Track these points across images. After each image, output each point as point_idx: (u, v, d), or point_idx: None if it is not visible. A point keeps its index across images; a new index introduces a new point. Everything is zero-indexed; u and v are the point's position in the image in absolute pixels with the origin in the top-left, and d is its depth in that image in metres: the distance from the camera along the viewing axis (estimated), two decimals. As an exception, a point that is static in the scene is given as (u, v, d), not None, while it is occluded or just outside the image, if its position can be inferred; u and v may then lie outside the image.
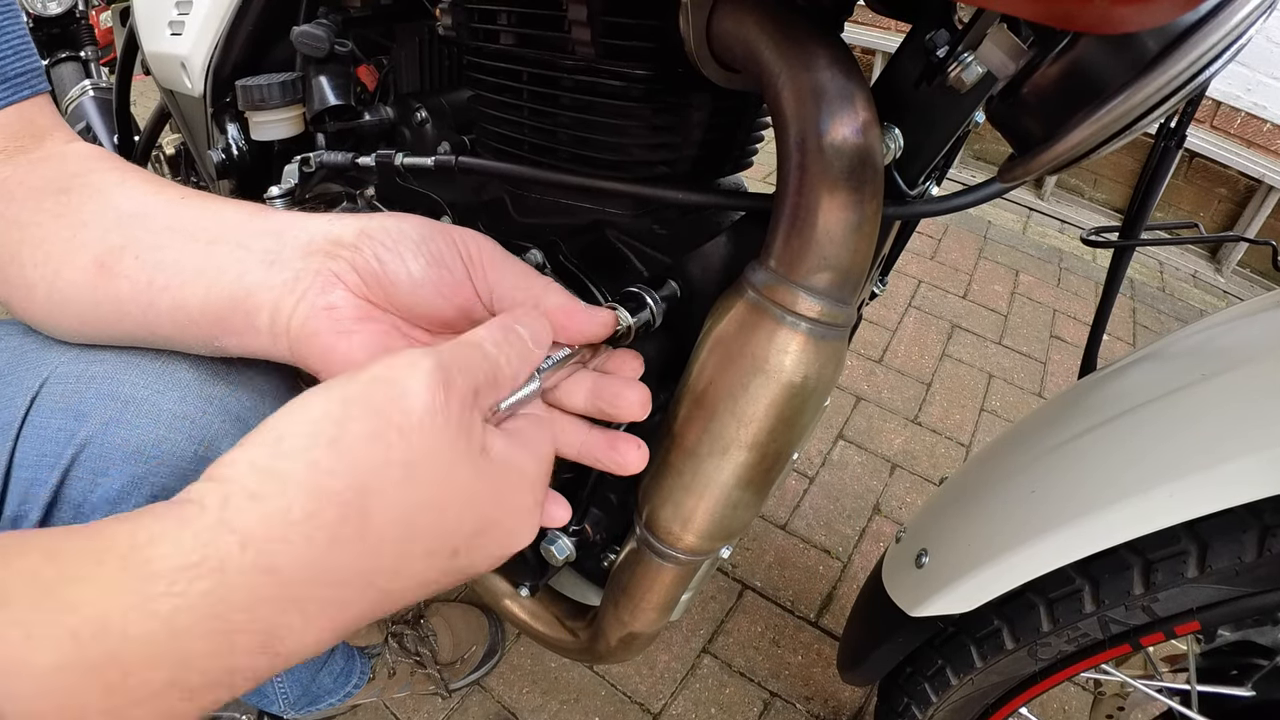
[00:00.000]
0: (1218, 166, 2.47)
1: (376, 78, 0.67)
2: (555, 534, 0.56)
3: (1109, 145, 0.30)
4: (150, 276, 0.36)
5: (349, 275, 0.35)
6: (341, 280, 0.35)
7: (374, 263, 0.35)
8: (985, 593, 0.59)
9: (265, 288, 0.35)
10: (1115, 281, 0.64)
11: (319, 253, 0.36)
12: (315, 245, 0.36)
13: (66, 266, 0.37)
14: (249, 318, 0.35)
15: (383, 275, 0.36)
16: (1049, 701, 1.09)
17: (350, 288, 0.35)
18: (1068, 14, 0.24)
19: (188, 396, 0.40)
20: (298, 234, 0.36)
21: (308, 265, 0.35)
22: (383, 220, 0.37)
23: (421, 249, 0.36)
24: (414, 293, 0.36)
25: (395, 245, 0.36)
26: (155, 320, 0.37)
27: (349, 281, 0.35)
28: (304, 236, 0.36)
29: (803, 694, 1.08)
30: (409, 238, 0.36)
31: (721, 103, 0.50)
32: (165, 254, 0.36)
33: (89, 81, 1.44)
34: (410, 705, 1.01)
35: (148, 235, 0.37)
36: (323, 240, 0.36)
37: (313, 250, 0.36)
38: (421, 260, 0.36)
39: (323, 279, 0.35)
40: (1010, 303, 2.13)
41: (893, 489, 1.45)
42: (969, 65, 0.35)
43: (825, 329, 0.40)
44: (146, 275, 0.36)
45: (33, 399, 0.39)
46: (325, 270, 0.35)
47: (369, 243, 0.36)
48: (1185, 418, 0.51)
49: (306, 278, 0.35)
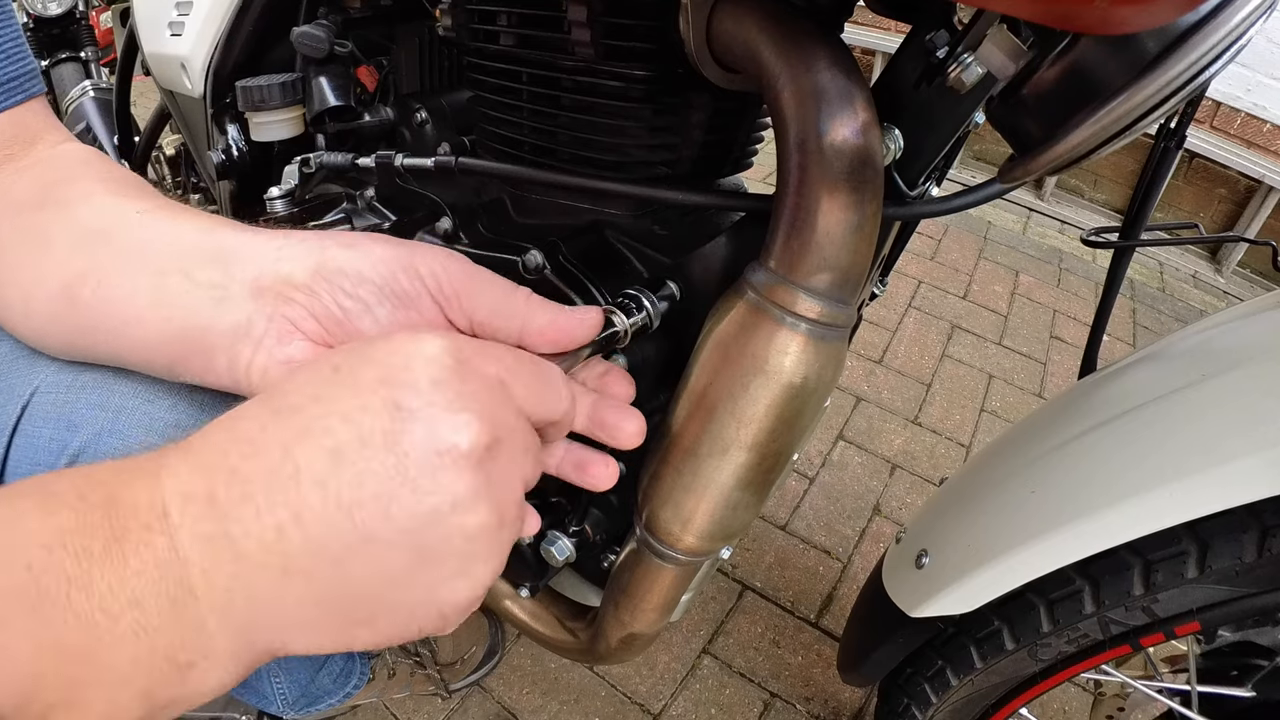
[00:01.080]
0: (1218, 167, 2.47)
1: (376, 78, 0.67)
2: (555, 535, 0.56)
3: (1109, 146, 0.30)
4: (109, 309, 0.35)
5: (306, 323, 0.33)
6: (299, 329, 0.33)
7: (335, 309, 0.33)
8: (985, 593, 0.59)
9: (216, 332, 0.33)
10: (1115, 282, 0.64)
11: (269, 293, 0.33)
12: (264, 283, 0.33)
13: (37, 289, 0.36)
14: (206, 359, 0.34)
15: (346, 323, 0.34)
16: (1049, 702, 1.09)
17: (309, 335, 0.34)
18: (1067, 14, 0.24)
19: (179, 404, 0.39)
20: (245, 267, 0.34)
21: (259, 309, 0.33)
22: (339, 257, 0.34)
23: (385, 293, 0.34)
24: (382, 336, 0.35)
25: (355, 290, 0.33)
26: (122, 350, 0.36)
27: (307, 329, 0.34)
28: (252, 271, 0.34)
29: (803, 695, 1.08)
30: (370, 282, 0.34)
31: (721, 104, 0.50)
32: (122, 285, 0.35)
33: (89, 82, 1.45)
34: (410, 706, 1.01)
35: (107, 259, 0.35)
36: (272, 279, 0.33)
37: (262, 289, 0.33)
38: (387, 305, 0.34)
39: (277, 328, 0.33)
40: (1010, 303, 2.13)
41: (893, 489, 1.44)
42: (969, 66, 0.35)
43: (825, 330, 0.40)
44: (105, 308, 0.35)
45: (23, 408, 0.39)
46: (279, 317, 0.33)
47: (327, 287, 0.33)
48: (1185, 418, 0.51)
49: (260, 323, 0.33)
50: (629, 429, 0.37)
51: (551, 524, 0.58)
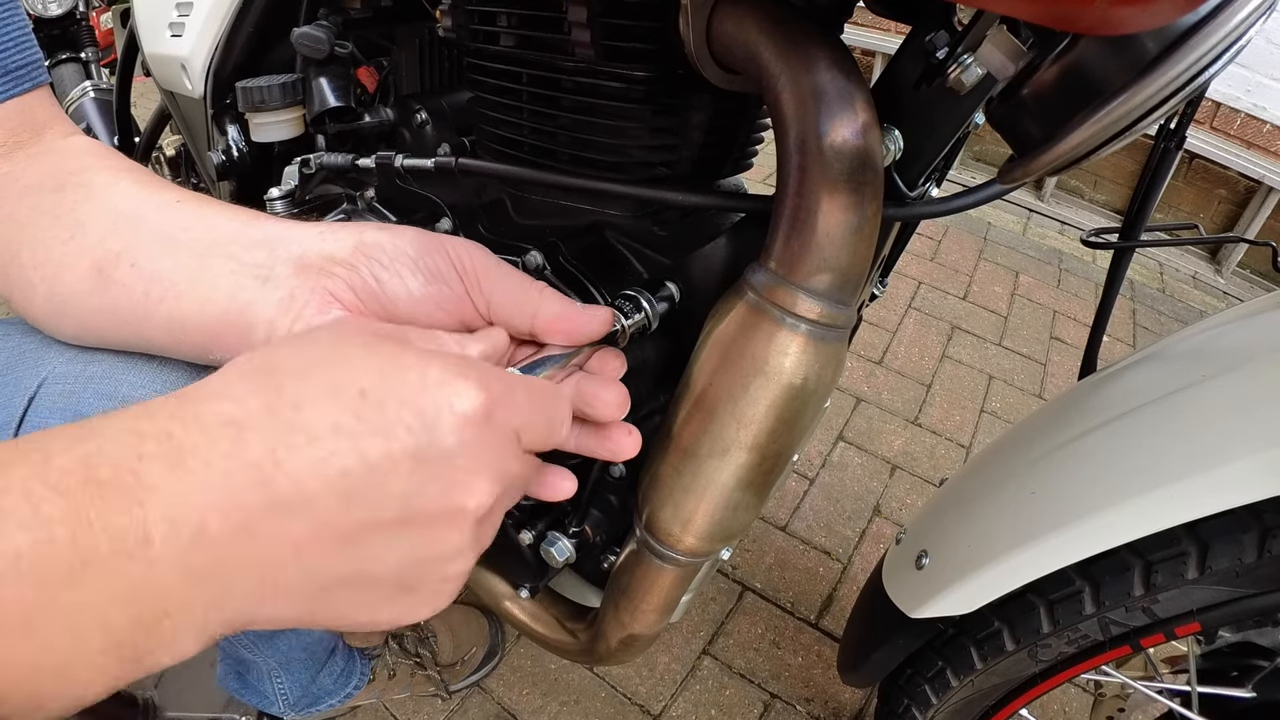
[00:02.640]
0: (1217, 168, 2.47)
1: (376, 79, 0.67)
2: (555, 535, 0.56)
3: (1109, 147, 0.30)
4: (146, 287, 0.36)
5: (345, 294, 0.35)
6: (338, 300, 0.35)
7: (372, 281, 0.35)
8: (985, 594, 0.59)
9: (260, 304, 0.34)
10: (1115, 283, 0.64)
11: (313, 269, 0.35)
12: (309, 261, 0.35)
13: (65, 270, 0.37)
14: (244, 334, 0.35)
15: (381, 294, 0.35)
16: (1049, 703, 1.09)
17: (347, 306, 0.35)
18: (1067, 15, 0.24)
19: None
20: (290, 247, 0.36)
21: (303, 283, 0.35)
22: (377, 235, 0.36)
23: (419, 266, 0.36)
24: (412, 310, 0.36)
25: (392, 263, 0.35)
26: (151, 331, 0.37)
27: (345, 300, 0.35)
28: (296, 250, 0.36)
29: (803, 695, 1.08)
30: (405, 255, 0.36)
31: (721, 104, 0.50)
32: (161, 264, 0.36)
33: (89, 83, 1.45)
34: (410, 707, 1.01)
35: (143, 241, 0.36)
36: (316, 256, 0.35)
37: (306, 266, 0.35)
38: (420, 277, 0.36)
39: (319, 298, 0.34)
40: (1010, 304, 2.13)
41: (893, 490, 1.44)
42: (969, 67, 0.35)
43: (825, 330, 0.40)
44: (143, 285, 0.36)
45: (30, 399, 0.39)
46: (320, 289, 0.35)
47: (366, 261, 0.35)
48: (1185, 419, 0.51)
49: (302, 296, 0.34)
50: (606, 397, 0.37)
51: (551, 525, 0.58)
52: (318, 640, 0.83)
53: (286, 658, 0.80)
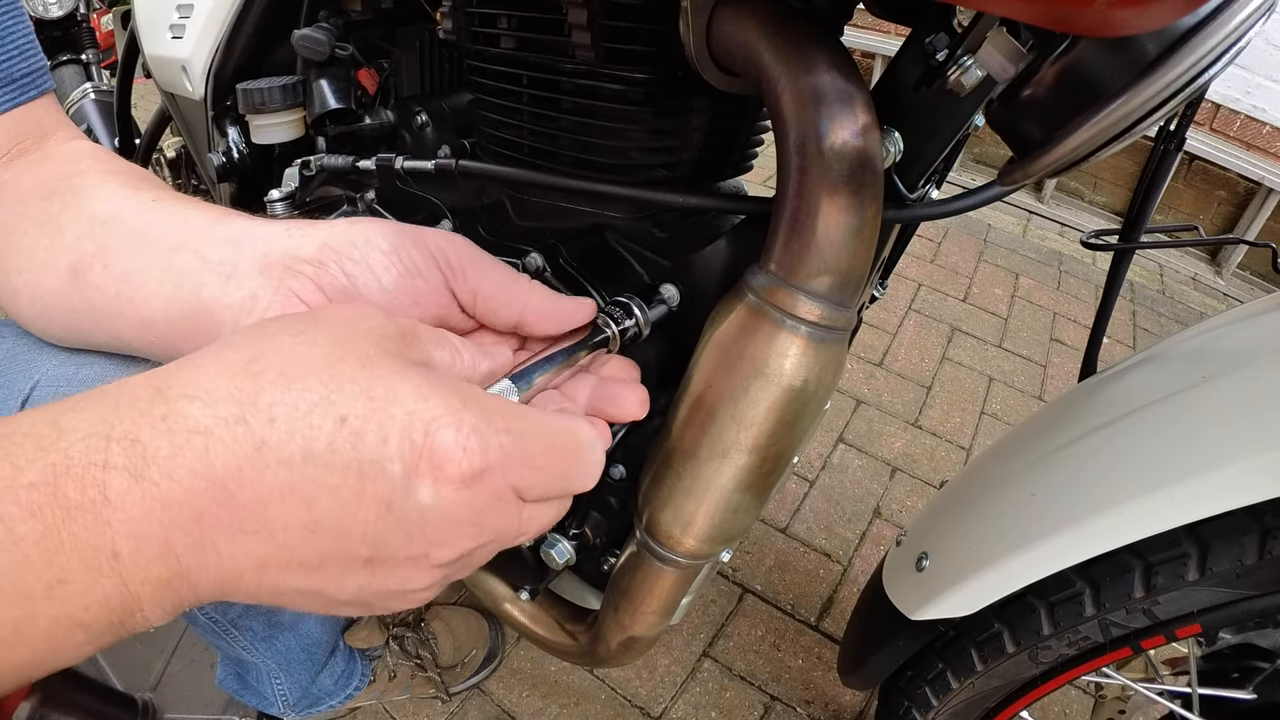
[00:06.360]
0: (1217, 169, 2.47)
1: (377, 81, 0.67)
2: (555, 537, 0.56)
3: (1109, 148, 0.30)
4: (118, 287, 0.35)
5: (312, 295, 0.34)
6: (304, 301, 0.34)
7: (341, 278, 0.34)
8: (986, 596, 0.59)
9: (222, 305, 0.34)
10: (1115, 284, 0.64)
11: (277, 268, 0.34)
12: (272, 259, 0.34)
13: (46, 274, 0.37)
14: (208, 332, 0.34)
15: (352, 290, 0.34)
16: (1050, 705, 1.09)
17: (313, 307, 0.34)
18: (1067, 17, 0.24)
19: None
20: (255, 245, 0.35)
21: (266, 283, 0.34)
22: (346, 231, 0.35)
23: (392, 258, 0.35)
24: (387, 305, 0.34)
25: (362, 257, 0.34)
26: (124, 330, 0.37)
27: (313, 302, 0.34)
28: (261, 248, 0.34)
29: (803, 698, 1.08)
30: (376, 248, 0.34)
31: (721, 106, 0.50)
32: (131, 263, 0.35)
33: (90, 84, 1.45)
34: (410, 708, 1.01)
35: (118, 242, 0.36)
36: (280, 255, 0.34)
37: (270, 265, 0.34)
38: (393, 271, 0.34)
39: (282, 299, 0.33)
40: (1010, 306, 2.13)
41: (893, 492, 1.44)
42: (968, 69, 0.35)
43: (825, 332, 0.40)
44: (114, 286, 0.35)
45: (24, 402, 0.39)
46: (285, 290, 0.33)
47: (334, 257, 0.34)
48: (1185, 421, 0.51)
49: (265, 296, 0.33)
50: (629, 397, 0.37)
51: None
52: (318, 641, 0.83)
53: (286, 659, 0.80)
